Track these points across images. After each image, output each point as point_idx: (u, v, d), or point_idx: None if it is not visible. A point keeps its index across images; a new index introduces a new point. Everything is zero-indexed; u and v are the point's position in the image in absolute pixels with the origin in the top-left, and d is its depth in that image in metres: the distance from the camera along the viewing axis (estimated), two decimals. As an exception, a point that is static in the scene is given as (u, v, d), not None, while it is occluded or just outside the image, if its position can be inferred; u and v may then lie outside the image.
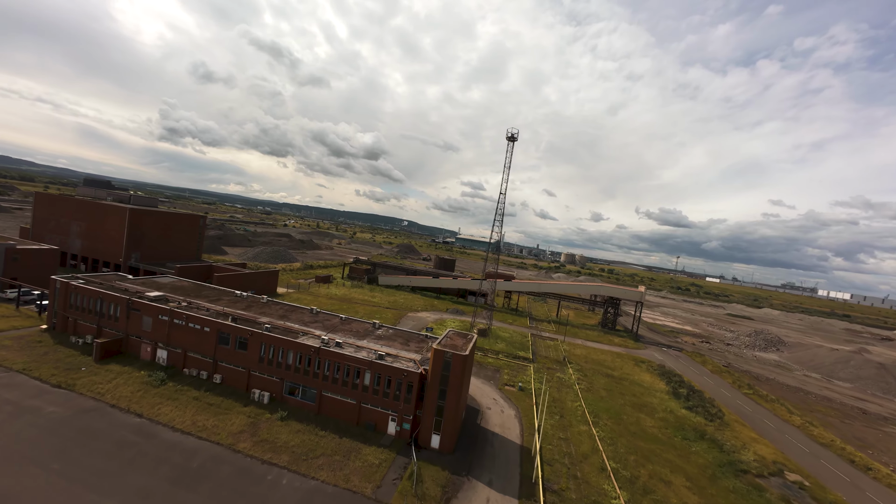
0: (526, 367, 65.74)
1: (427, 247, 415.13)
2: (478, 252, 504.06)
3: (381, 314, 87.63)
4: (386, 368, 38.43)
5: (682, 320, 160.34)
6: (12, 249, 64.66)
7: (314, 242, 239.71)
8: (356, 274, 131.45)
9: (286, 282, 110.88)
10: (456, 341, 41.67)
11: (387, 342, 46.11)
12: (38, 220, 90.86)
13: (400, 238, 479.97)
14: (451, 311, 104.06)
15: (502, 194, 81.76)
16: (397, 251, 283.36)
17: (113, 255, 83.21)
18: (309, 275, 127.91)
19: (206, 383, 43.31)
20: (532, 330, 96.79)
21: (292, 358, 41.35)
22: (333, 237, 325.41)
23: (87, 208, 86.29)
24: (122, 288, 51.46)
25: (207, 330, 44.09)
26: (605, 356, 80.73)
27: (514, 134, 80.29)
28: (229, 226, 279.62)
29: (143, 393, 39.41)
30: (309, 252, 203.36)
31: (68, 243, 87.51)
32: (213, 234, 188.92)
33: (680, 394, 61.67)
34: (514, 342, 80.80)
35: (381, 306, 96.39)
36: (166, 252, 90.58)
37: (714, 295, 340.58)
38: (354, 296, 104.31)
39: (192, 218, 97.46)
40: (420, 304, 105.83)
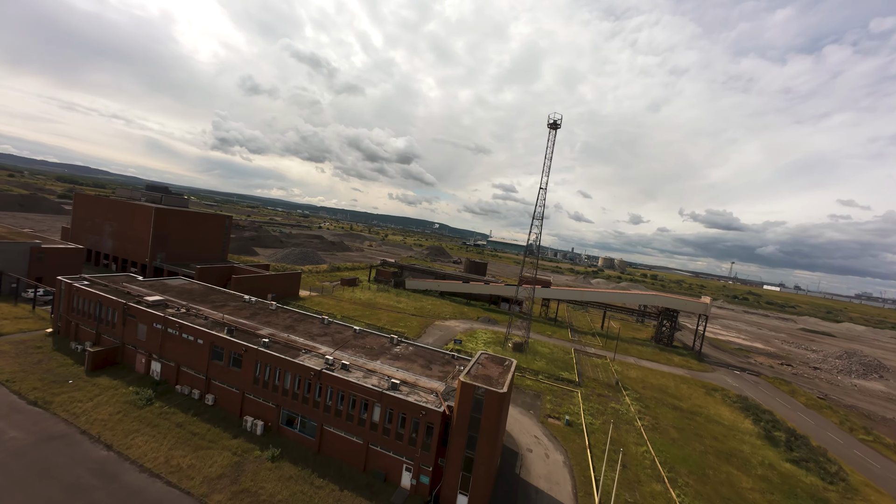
0: (572, 394, 55.07)
1: (457, 249, 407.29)
2: (510, 255, 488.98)
3: (406, 322, 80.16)
4: (399, 403, 30.16)
5: (749, 336, 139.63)
6: (37, 249, 63.92)
7: (345, 244, 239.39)
8: (383, 277, 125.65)
9: (311, 284, 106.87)
10: (490, 370, 32.60)
11: (404, 364, 37.96)
12: (76, 220, 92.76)
13: (430, 241, 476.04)
14: (482, 319, 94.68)
15: (542, 189, 71.56)
16: (427, 254, 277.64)
17: (139, 254, 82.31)
18: (335, 277, 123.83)
19: (197, 405, 37.34)
20: (575, 344, 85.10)
21: (290, 381, 34.28)
22: (365, 239, 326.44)
23: (118, 208, 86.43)
24: (124, 291, 47.41)
25: (201, 342, 38.23)
26: (667, 380, 67.73)
27: (556, 120, 69.98)
28: (266, 228, 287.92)
29: (122, 416, 33.92)
30: (339, 254, 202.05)
31: (101, 243, 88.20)
32: (248, 235, 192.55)
33: (777, 439, 48.19)
34: (556, 359, 70.00)
35: (406, 313, 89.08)
36: (191, 252, 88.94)
37: (778, 305, 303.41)
38: (379, 300, 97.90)
39: (217, 218, 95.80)
40: (448, 312, 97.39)
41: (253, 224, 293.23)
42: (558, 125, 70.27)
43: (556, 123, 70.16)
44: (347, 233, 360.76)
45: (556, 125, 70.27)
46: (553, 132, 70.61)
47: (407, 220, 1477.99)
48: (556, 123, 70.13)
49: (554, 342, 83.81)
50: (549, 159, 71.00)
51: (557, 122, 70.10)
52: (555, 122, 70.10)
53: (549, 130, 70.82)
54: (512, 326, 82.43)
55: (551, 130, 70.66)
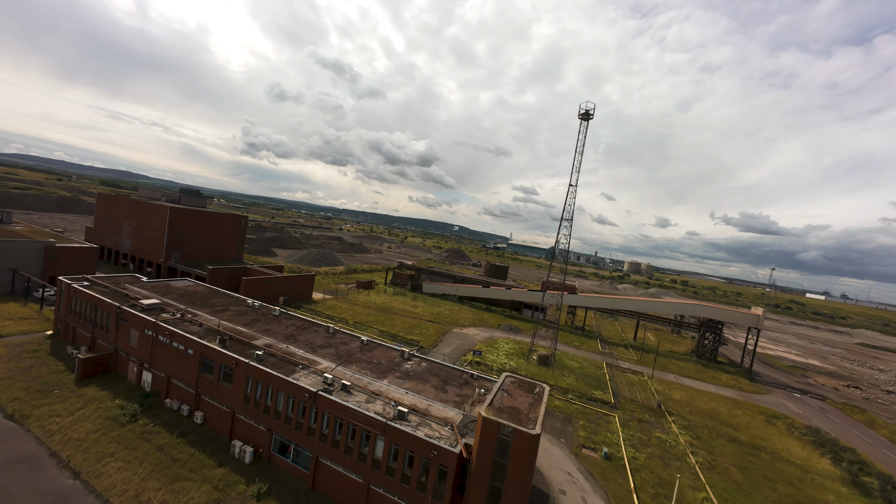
0: (608, 418, 48.09)
1: (477, 252, 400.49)
2: (531, 259, 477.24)
3: (422, 329, 75.06)
4: (407, 438, 24.85)
5: (802, 351, 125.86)
6: (51, 248, 63.22)
7: (364, 246, 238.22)
8: (399, 280, 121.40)
9: (326, 286, 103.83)
10: (517, 398, 26.78)
11: (415, 384, 32.67)
12: (98, 220, 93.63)
13: (450, 243, 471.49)
14: (503, 327, 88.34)
15: (572, 187, 64.83)
16: (446, 256, 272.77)
17: (155, 254, 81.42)
18: (351, 279, 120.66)
19: (185, 423, 33.40)
20: (606, 357, 77.29)
21: (283, 402, 29.69)
22: (384, 241, 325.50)
23: (136, 208, 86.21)
24: (122, 293, 44.66)
25: (191, 353, 34.39)
26: (717, 404, 59.21)
27: (589, 110, 63.28)
28: (288, 229, 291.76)
29: (101, 435, 30.33)
30: (357, 255, 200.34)
31: (120, 242, 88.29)
32: (269, 236, 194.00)
33: (868, 487, 39.49)
34: (587, 375, 62.84)
35: (422, 318, 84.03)
36: (207, 252, 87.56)
37: (826, 317, 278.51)
38: (395, 305, 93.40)
39: (233, 218, 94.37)
40: (467, 318, 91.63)
41: (275, 225, 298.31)
42: (591, 115, 63.53)
43: (588, 114, 63.46)
44: (367, 234, 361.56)
45: (589, 115, 63.55)
46: (584, 123, 63.93)
47: (427, 223, 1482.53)
48: (589, 113, 63.42)
49: (583, 354, 76.36)
50: (580, 153, 64.28)
51: (590, 112, 63.38)
52: (587, 113, 63.42)
53: (581, 122, 64.19)
54: (537, 336, 75.78)
55: (582, 122, 64.00)
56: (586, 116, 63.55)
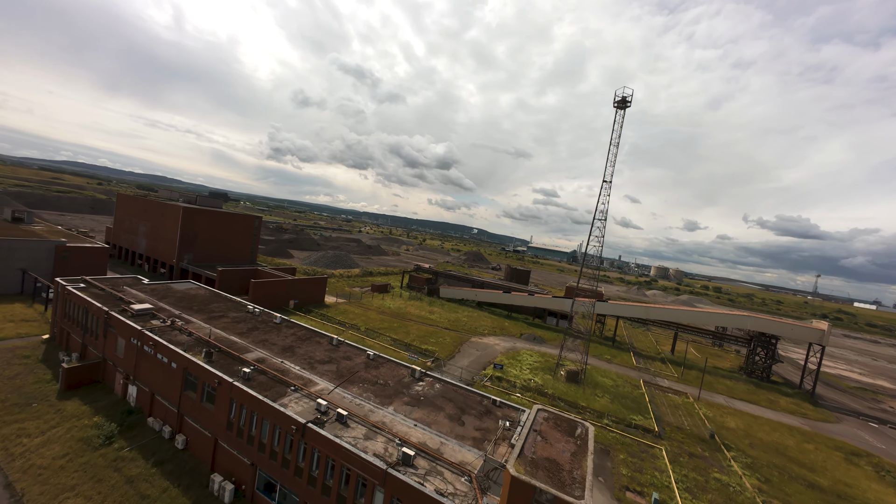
0: (652, 451, 41.02)
1: (496, 255, 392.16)
2: (552, 262, 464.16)
3: (438, 337, 69.68)
4: (411, 493, 19.41)
5: (866, 369, 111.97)
6: (62, 247, 62.15)
7: (381, 248, 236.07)
8: (416, 283, 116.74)
9: (340, 289, 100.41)
10: (554, 445, 20.83)
11: (426, 413, 27.27)
12: (117, 220, 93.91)
13: (469, 246, 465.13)
14: (526, 337, 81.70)
15: (606, 182, 57.91)
16: (465, 259, 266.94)
17: (168, 255, 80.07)
18: (366, 282, 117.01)
19: (164, 448, 29.34)
20: (642, 374, 69.36)
21: (269, 432, 24.99)
22: (402, 243, 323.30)
23: (151, 208, 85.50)
24: (116, 296, 41.67)
25: (175, 367, 30.41)
26: (781, 435, 50.59)
27: (626, 97, 56.43)
28: (308, 231, 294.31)
29: (68, 461, 26.60)
30: (374, 258, 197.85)
31: (136, 243, 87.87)
32: (287, 237, 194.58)
33: None
34: (623, 395, 55.52)
35: (438, 325, 78.68)
36: (219, 254, 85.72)
37: (884, 329, 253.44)
38: (410, 310, 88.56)
39: (246, 219, 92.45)
40: (487, 326, 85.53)
41: (296, 227, 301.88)
42: (628, 103, 56.62)
43: (624, 101, 56.59)
44: (386, 237, 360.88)
45: (626, 103, 56.66)
46: (621, 112, 57.08)
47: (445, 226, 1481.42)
48: (626, 101, 56.54)
49: (616, 370, 68.74)
50: (616, 145, 57.37)
51: (627, 100, 56.50)
52: (623, 100, 56.56)
53: (616, 110, 57.37)
54: (564, 348, 68.86)
55: (618, 110, 57.17)
56: (623, 104, 56.71)
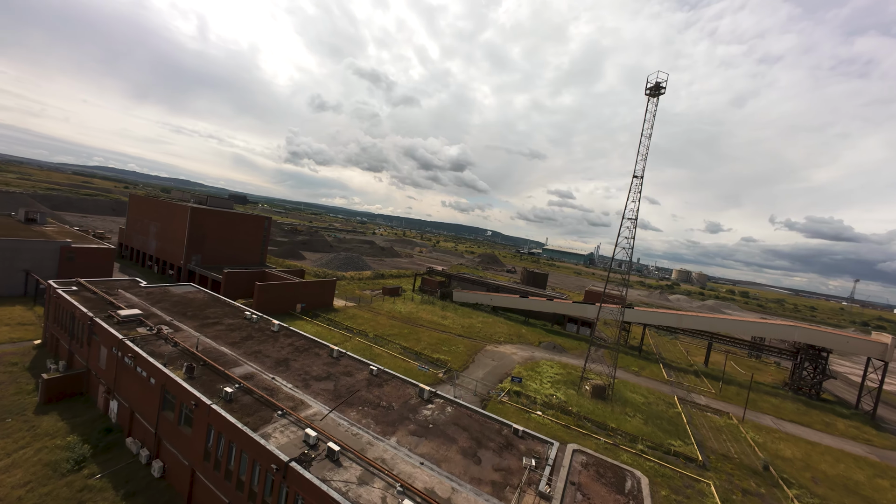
0: (697, 485, 35.36)
1: (511, 258, 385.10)
2: (569, 265, 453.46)
3: (451, 345, 65.27)
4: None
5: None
6: (67, 248, 60.91)
7: (394, 250, 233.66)
8: (428, 286, 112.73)
9: (350, 292, 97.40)
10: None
11: (435, 446, 22.90)
12: (129, 221, 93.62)
13: (483, 248, 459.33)
14: (545, 345, 76.32)
15: (637, 178, 52.37)
16: (479, 261, 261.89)
17: (177, 256, 78.58)
18: (378, 285, 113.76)
19: (140, 474, 25.96)
20: (675, 389, 63.04)
21: (248, 468, 21.12)
22: (416, 245, 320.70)
23: (161, 208, 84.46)
24: (107, 301, 39.07)
25: (153, 382, 27.08)
26: (847, 467, 43.79)
27: (660, 83, 50.87)
28: (322, 232, 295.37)
29: (27, 490, 23.41)
30: (387, 260, 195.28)
31: (147, 244, 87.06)
32: (300, 239, 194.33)
33: None
34: (657, 415, 49.72)
35: (451, 332, 74.27)
36: (228, 255, 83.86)
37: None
38: (422, 315, 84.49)
39: (256, 220, 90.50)
40: (503, 332, 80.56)
41: (311, 229, 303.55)
42: (662, 89, 51.06)
43: (658, 87, 51.04)
44: (399, 238, 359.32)
45: (659, 89, 51.10)
46: (654, 100, 51.55)
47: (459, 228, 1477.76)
48: (659, 87, 50.99)
49: (645, 384, 62.68)
50: (649, 137, 51.84)
51: (661, 86, 50.94)
52: (657, 86, 51.02)
53: (648, 98, 51.87)
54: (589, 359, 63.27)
55: (651, 98, 51.65)
56: (656, 91, 51.15)
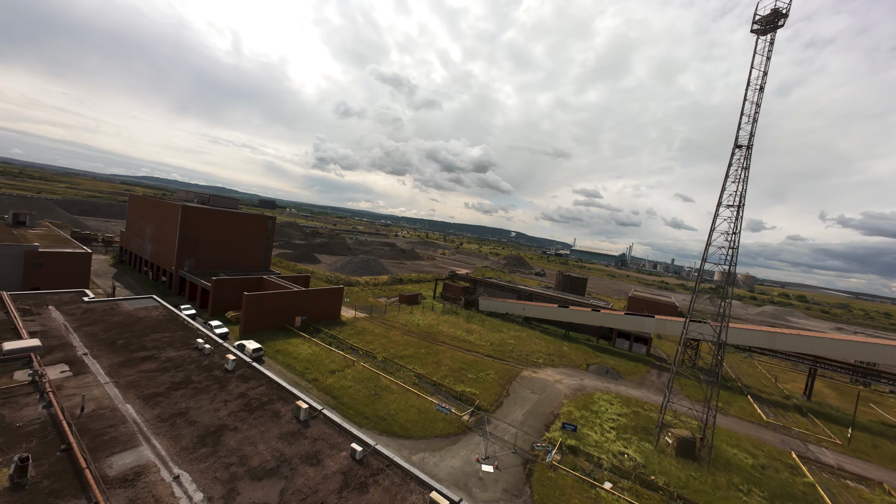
0: None
1: (538, 260, 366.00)
2: (599, 266, 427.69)
3: (479, 369, 52.09)
4: None
5: None
6: (33, 253, 52.93)
7: (416, 252, 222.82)
8: (451, 293, 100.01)
9: (363, 300, 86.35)
10: None
11: None
12: (129, 224, 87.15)
13: (507, 249, 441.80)
14: (594, 368, 61.49)
15: (742, 148, 37.17)
16: (504, 264, 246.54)
17: (168, 261, 70.25)
18: (395, 291, 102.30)
19: None
20: (781, 434, 46.67)
21: None
22: (438, 247, 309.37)
23: (156, 209, 76.69)
24: (13, 322, 28.92)
25: (-24, 483, 15.84)
26: None
27: (779, 9, 35.52)
28: (343, 235, 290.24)
29: None
30: (408, 262, 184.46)
31: (143, 248, 79.74)
32: (319, 241, 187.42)
33: None
34: (780, 488, 34.17)
35: (478, 351, 61.06)
36: (226, 259, 74.86)
37: None
38: (443, 328, 71.80)
39: (257, 220, 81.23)
40: (541, 351, 66.39)
41: (332, 231, 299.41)
42: (780, 19, 35.69)
43: (777, 15, 35.65)
44: (421, 241, 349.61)
45: (775, 22, 35.75)
46: (764, 39, 36.28)
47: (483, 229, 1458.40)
48: (779, 15, 35.61)
49: (743, 430, 46.65)
50: (761, 89, 36.50)
51: (781, 12, 35.56)
52: (775, 14, 35.63)
53: (757, 37, 36.66)
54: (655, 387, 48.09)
55: (760, 37, 36.41)
56: (770, 24, 35.86)
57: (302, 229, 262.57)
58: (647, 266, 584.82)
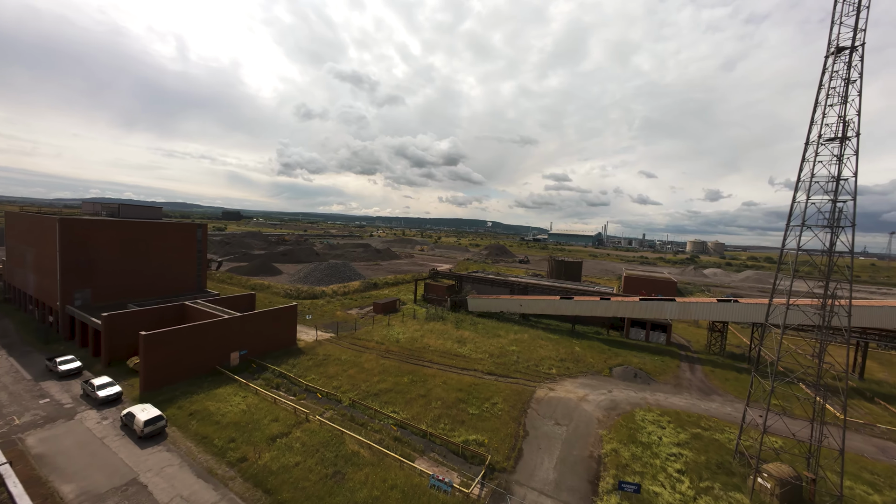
0: None
1: (518, 247, 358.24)
2: (577, 247, 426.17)
3: (481, 397, 38.95)
4: None
5: None
6: None
7: (392, 251, 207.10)
8: (434, 294, 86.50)
9: (329, 315, 71.36)
10: None
11: None
12: (8, 251, 67.20)
13: (486, 240, 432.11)
14: (619, 372, 49.86)
15: (846, 51, 25.55)
16: (486, 254, 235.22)
17: (52, 294, 52.45)
18: (369, 299, 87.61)
19: None
20: (872, 436, 36.66)
21: None
22: (416, 244, 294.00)
23: (33, 228, 57.81)
24: None
25: None
26: None
27: None
28: (312, 240, 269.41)
29: None
30: (384, 263, 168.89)
31: (26, 280, 60.94)
32: (281, 250, 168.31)
33: None
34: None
35: (476, 369, 47.98)
36: (141, 284, 57.70)
37: None
38: (429, 340, 58.24)
39: (182, 230, 63.95)
40: (551, 357, 54.14)
41: (300, 238, 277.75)
42: None
43: None
44: (398, 238, 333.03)
45: None
46: None
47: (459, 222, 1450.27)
48: None
49: (823, 438, 36.10)
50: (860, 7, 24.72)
51: None
52: None
53: None
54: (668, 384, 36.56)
55: None
56: None
57: (266, 238, 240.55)
58: (623, 243, 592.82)
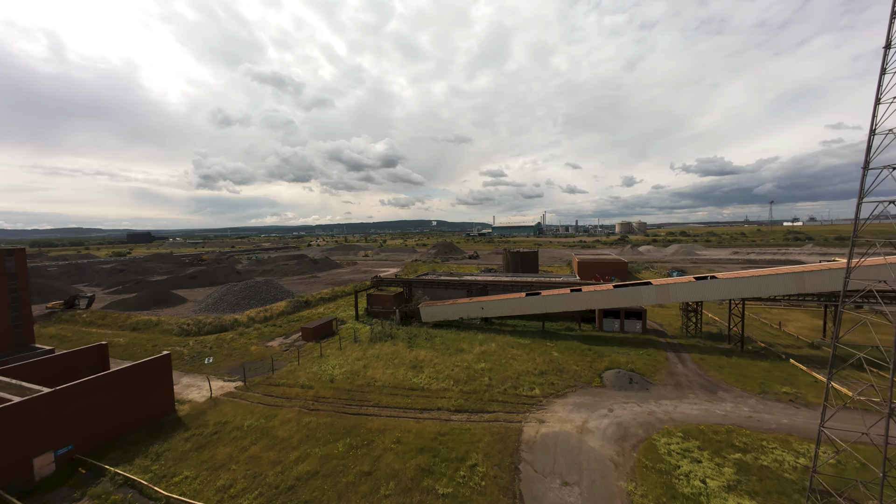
0: None
1: (465, 242, 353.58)
2: (520, 238, 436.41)
3: (453, 455, 26.70)
4: None
5: None
6: None
7: (331, 260, 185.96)
8: (380, 305, 72.46)
9: (240, 351, 54.04)
10: None
11: None
12: None
13: (432, 238, 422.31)
14: (611, 380, 41.02)
15: None
16: (435, 253, 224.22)
17: None
18: (297, 322, 70.73)
19: None
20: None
21: None
22: (359, 249, 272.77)
23: None
24: None
25: None
26: None
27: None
28: (237, 256, 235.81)
29: None
30: (321, 275, 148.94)
31: None
32: (191, 272, 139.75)
33: None
34: None
35: (440, 407, 35.74)
36: None
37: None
38: (375, 372, 44.62)
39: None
40: (528, 371, 43.83)
41: (222, 255, 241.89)
42: None
43: None
44: (339, 245, 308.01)
45: None
46: None
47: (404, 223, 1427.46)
48: None
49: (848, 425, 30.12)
50: None
51: None
52: None
53: None
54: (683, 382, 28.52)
55: None
56: None
57: (178, 260, 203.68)
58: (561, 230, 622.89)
